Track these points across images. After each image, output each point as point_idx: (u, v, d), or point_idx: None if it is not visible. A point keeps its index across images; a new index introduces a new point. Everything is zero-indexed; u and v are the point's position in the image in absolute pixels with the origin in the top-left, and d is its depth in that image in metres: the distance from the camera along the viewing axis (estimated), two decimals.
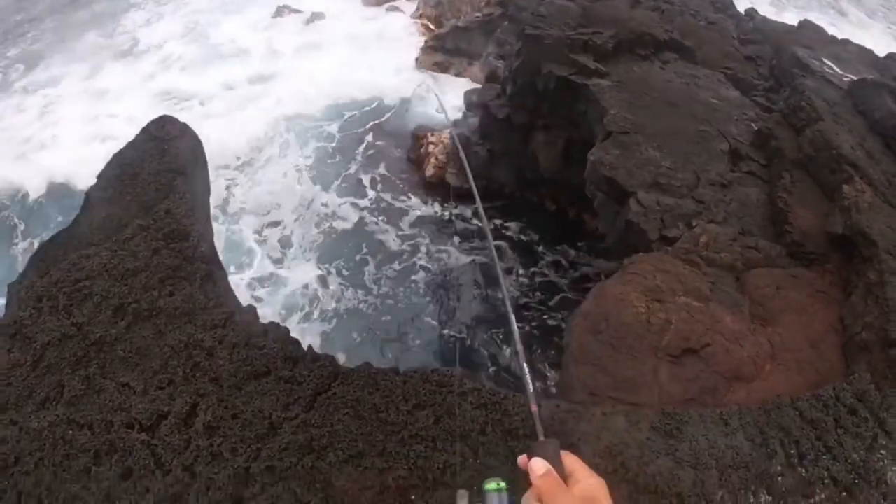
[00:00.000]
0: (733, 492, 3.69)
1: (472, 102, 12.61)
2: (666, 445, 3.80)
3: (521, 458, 1.28)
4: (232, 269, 10.73)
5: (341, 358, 8.89)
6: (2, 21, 23.90)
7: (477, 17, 17.02)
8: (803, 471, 3.79)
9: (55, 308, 3.77)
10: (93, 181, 4.95)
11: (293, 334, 4.23)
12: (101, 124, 15.98)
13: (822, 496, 3.77)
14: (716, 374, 5.63)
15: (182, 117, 5.80)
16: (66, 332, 3.65)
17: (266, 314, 9.37)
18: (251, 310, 4.27)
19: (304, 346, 4.11)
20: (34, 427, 3.21)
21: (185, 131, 5.36)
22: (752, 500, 3.73)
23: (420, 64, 17.34)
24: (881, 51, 12.71)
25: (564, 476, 1.24)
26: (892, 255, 6.11)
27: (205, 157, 5.51)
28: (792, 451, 3.80)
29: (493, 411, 3.55)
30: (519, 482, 1.28)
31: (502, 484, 1.30)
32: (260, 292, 10.96)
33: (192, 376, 3.54)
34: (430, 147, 13.56)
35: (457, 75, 16.66)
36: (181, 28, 21.82)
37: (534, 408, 1.46)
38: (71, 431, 3.20)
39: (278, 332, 3.96)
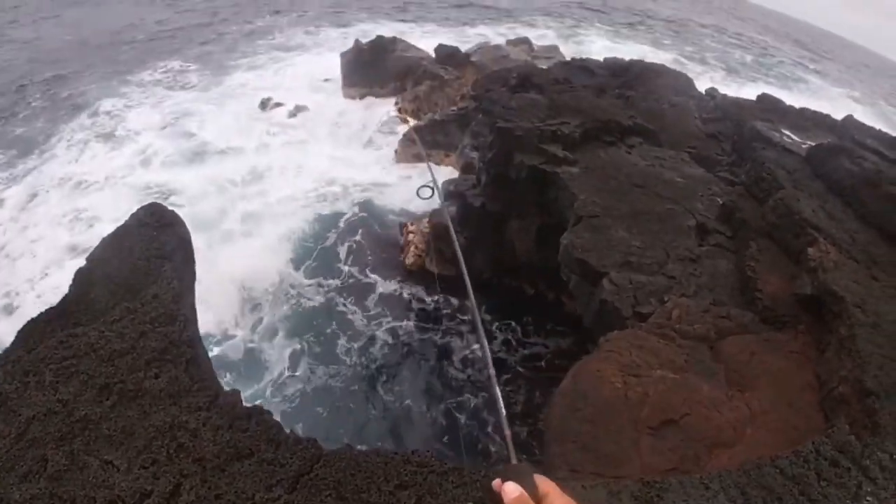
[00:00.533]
0: None
1: (450, 192, 13.11)
2: None
3: (496, 482, 1.30)
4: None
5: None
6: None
7: (452, 110, 17.97)
8: None
9: (41, 383, 3.82)
10: None
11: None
12: (81, 234, 15.44)
13: None
14: (696, 442, 5.70)
15: None
16: (52, 407, 3.68)
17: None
18: (235, 393, 4.32)
19: (287, 430, 4.16)
20: (16, 499, 3.19)
21: (174, 219, 5.58)
22: None
23: (399, 156, 18.05)
24: (839, 114, 13.45)
25: (538, 499, 1.24)
26: (861, 308, 6.38)
27: (191, 245, 5.70)
28: None
29: (473, 489, 3.59)
30: None
31: None
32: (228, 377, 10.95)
33: (176, 457, 3.56)
34: (410, 236, 13.97)
35: (437, 164, 17.38)
36: (162, 120, 22.24)
37: (507, 432, 1.49)
38: None
39: (261, 416, 4.01)
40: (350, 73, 23.53)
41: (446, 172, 16.18)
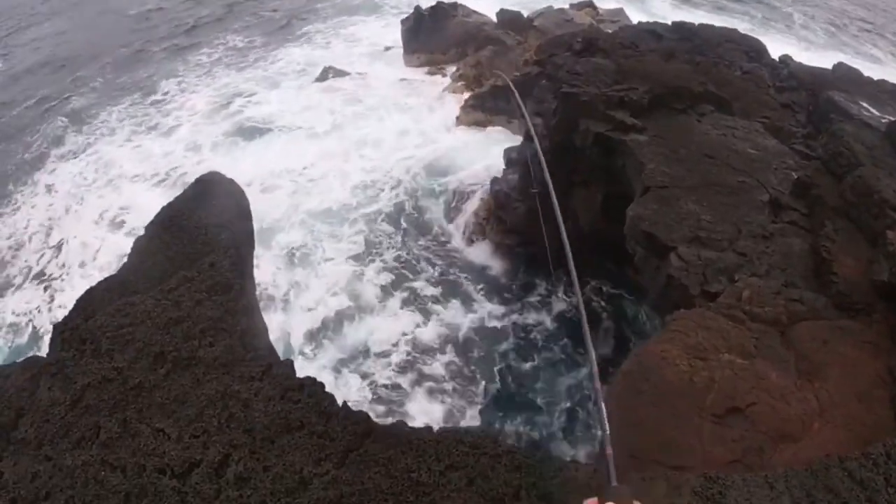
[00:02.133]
0: None
1: (512, 159, 12.80)
2: None
3: (591, 501, 1.30)
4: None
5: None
6: (60, 77, 25.50)
7: (515, 76, 17.42)
8: None
9: (97, 351, 3.91)
10: None
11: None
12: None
13: None
14: (761, 433, 5.39)
15: None
16: (107, 375, 3.78)
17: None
18: (289, 364, 4.33)
19: (339, 402, 4.14)
20: (68, 464, 3.30)
21: (232, 187, 5.61)
22: None
23: (460, 122, 17.78)
24: None
25: None
26: None
27: (250, 214, 5.73)
28: None
29: (527, 474, 3.47)
30: None
31: None
32: None
33: (226, 426, 3.59)
34: (469, 204, 13.86)
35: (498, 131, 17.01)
36: (215, 101, 21.67)
37: (609, 451, 1.49)
38: (104, 472, 3.27)
39: (314, 387, 4.00)
40: (411, 40, 23.20)
41: (506, 139, 15.80)
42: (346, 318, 11.81)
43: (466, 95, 18.62)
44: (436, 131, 17.93)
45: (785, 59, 14.09)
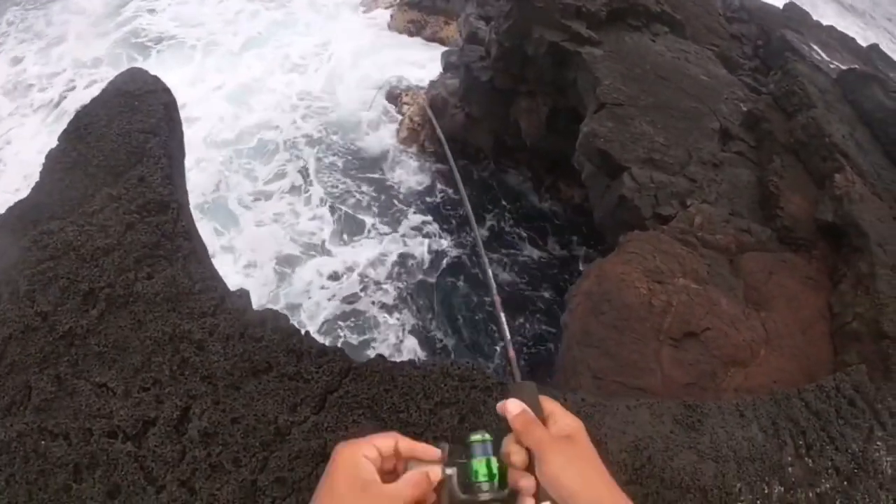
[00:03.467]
0: (750, 483, 3.60)
1: (451, 63, 12.10)
2: (688, 439, 3.66)
3: (500, 404, 1.27)
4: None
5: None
6: None
7: None
8: (810, 461, 3.74)
9: (15, 294, 3.18)
10: None
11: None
12: None
13: (827, 486, 3.74)
14: (715, 358, 5.57)
15: None
16: (30, 322, 3.07)
17: None
18: (244, 293, 3.77)
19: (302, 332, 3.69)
20: (2, 438, 2.71)
21: (157, 85, 4.71)
22: (766, 492, 3.66)
23: (394, 21, 16.61)
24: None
25: (543, 418, 1.23)
26: (882, 248, 6.20)
27: (179, 115, 4.89)
28: (800, 442, 3.72)
29: None
30: (503, 432, 1.28)
31: (487, 435, 1.27)
32: None
33: (180, 374, 3.06)
34: (405, 108, 13.04)
35: (433, 34, 16.04)
36: (108, 2, 18.48)
37: (511, 353, 1.49)
38: (44, 442, 2.70)
39: (277, 321, 3.48)
40: None
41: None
42: (291, 263, 10.99)
43: None
44: (366, 34, 16.64)
45: None
